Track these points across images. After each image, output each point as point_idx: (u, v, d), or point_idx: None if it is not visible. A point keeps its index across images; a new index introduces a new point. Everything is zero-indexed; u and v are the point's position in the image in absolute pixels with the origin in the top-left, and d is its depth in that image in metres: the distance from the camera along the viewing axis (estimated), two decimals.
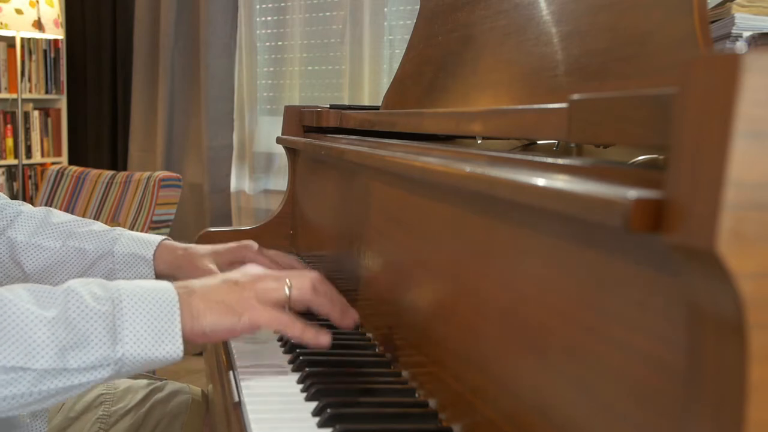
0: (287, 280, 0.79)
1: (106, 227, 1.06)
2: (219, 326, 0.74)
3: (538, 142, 0.99)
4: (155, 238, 1.04)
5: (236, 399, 0.76)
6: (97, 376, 0.68)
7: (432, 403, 0.74)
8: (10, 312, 0.65)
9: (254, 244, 1.06)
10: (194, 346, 0.77)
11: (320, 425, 0.68)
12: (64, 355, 0.66)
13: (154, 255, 1.02)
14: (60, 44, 3.72)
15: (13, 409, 0.66)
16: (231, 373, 0.82)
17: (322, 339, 0.79)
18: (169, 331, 0.70)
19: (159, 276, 1.03)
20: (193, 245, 1.06)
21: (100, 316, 0.68)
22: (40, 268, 1.02)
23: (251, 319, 0.75)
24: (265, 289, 0.78)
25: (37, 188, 3.71)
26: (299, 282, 0.80)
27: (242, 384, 0.78)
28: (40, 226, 1.03)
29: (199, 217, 3.41)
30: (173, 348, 0.70)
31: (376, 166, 0.89)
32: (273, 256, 1.07)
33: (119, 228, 1.06)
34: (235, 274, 0.80)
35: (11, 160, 3.63)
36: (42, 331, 0.65)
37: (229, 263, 1.03)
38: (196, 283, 0.77)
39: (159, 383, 1.12)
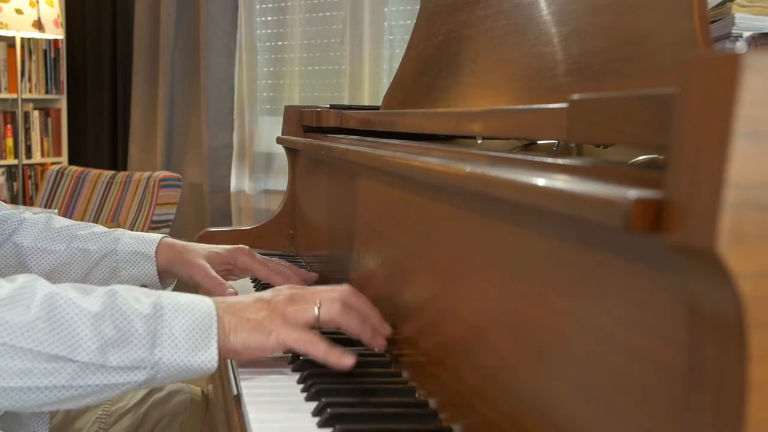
0: (318, 301, 0.80)
1: (107, 229, 1.09)
2: (250, 343, 0.75)
3: (538, 142, 0.99)
4: (156, 236, 1.08)
5: (237, 399, 0.76)
6: (133, 378, 0.69)
7: (432, 403, 0.74)
8: (57, 303, 0.67)
9: (246, 249, 1.10)
10: None
11: (320, 425, 0.68)
12: (105, 351, 0.67)
13: (155, 252, 1.05)
14: (60, 44, 3.72)
15: (49, 403, 0.67)
16: (231, 373, 0.82)
17: (344, 361, 0.78)
18: (206, 342, 0.71)
19: (159, 271, 1.06)
20: (192, 243, 1.09)
21: (141, 318, 0.70)
22: (46, 270, 1.04)
23: (279, 338, 0.76)
24: (296, 310, 0.79)
25: (37, 188, 3.71)
26: (329, 302, 0.80)
27: (242, 384, 0.78)
28: (44, 230, 1.06)
29: (199, 217, 3.41)
30: (209, 358, 0.71)
31: (376, 166, 0.89)
32: (265, 261, 1.10)
33: (120, 229, 1.10)
34: (267, 294, 0.81)
35: (11, 160, 3.63)
36: (86, 324, 0.67)
37: (221, 264, 1.07)
38: (229, 300, 0.79)
39: None
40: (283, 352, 0.79)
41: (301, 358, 0.84)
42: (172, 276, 1.08)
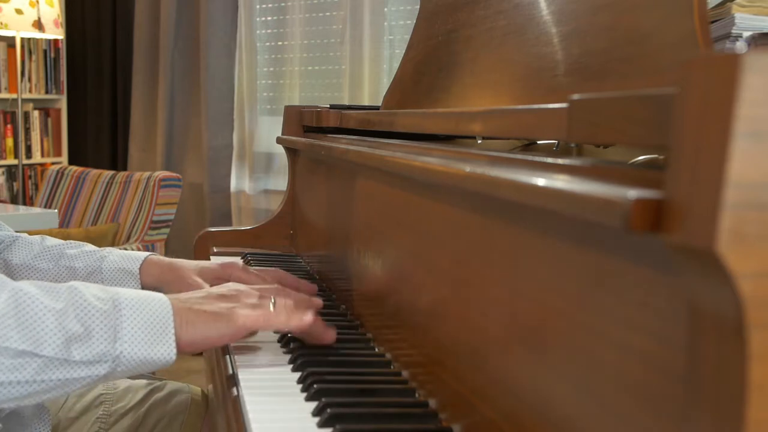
0: (271, 297, 0.84)
1: (97, 248, 1.10)
2: (209, 333, 0.78)
3: (538, 142, 0.99)
4: (142, 254, 1.09)
5: (236, 399, 0.76)
6: (95, 371, 0.71)
7: (432, 403, 0.74)
8: (22, 300, 0.69)
9: (239, 263, 1.10)
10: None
11: (320, 425, 0.68)
12: (69, 346, 0.69)
13: (140, 269, 1.05)
14: (60, 44, 3.72)
15: (13, 398, 0.68)
16: (231, 373, 0.83)
17: (306, 319, 0.83)
18: (163, 335, 0.74)
19: (145, 289, 1.05)
20: (179, 260, 1.09)
21: (102, 314, 0.72)
22: None
23: (239, 324, 0.79)
24: (250, 302, 0.82)
25: (37, 188, 3.71)
26: (282, 299, 0.84)
27: (242, 384, 0.78)
28: (34, 249, 1.07)
29: (199, 217, 3.41)
30: (167, 351, 0.74)
31: (376, 166, 0.89)
32: (259, 272, 1.10)
33: (109, 248, 1.10)
34: (220, 289, 0.85)
35: (11, 160, 3.63)
36: (51, 320, 0.69)
37: (214, 279, 1.06)
38: (183, 296, 0.82)
39: (159, 383, 1.12)
40: (241, 338, 0.82)
41: (300, 357, 0.84)
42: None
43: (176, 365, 0.78)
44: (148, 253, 1.09)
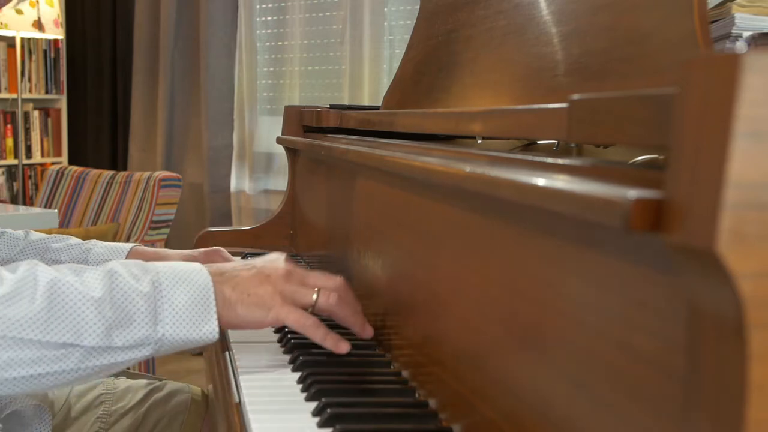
0: (316, 288, 0.83)
1: (81, 240, 1.10)
2: (249, 317, 0.78)
3: (538, 142, 0.99)
4: (127, 245, 1.09)
5: (236, 399, 0.76)
6: (138, 354, 0.72)
7: (432, 403, 0.74)
8: (60, 291, 0.69)
9: (223, 251, 1.11)
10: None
11: (320, 425, 0.68)
12: (110, 333, 0.70)
13: (125, 259, 1.05)
14: (60, 44, 3.72)
15: (57, 385, 0.70)
16: (231, 373, 0.83)
17: (341, 346, 0.82)
18: (206, 314, 0.74)
19: None
20: (164, 249, 1.10)
21: (142, 297, 0.72)
22: None
23: (279, 317, 0.79)
24: (295, 291, 0.81)
25: (37, 188, 3.71)
26: (327, 291, 0.83)
27: (242, 384, 0.78)
28: (19, 245, 1.07)
29: (199, 217, 3.41)
30: (210, 330, 0.74)
31: (376, 166, 0.89)
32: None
33: (94, 240, 1.11)
34: (263, 266, 0.82)
35: (11, 160, 3.63)
36: (90, 309, 0.69)
37: None
38: (225, 269, 0.80)
39: (158, 383, 1.12)
40: (276, 326, 0.83)
41: (300, 357, 0.84)
42: None
43: (176, 365, 0.79)
44: (132, 244, 1.09)
